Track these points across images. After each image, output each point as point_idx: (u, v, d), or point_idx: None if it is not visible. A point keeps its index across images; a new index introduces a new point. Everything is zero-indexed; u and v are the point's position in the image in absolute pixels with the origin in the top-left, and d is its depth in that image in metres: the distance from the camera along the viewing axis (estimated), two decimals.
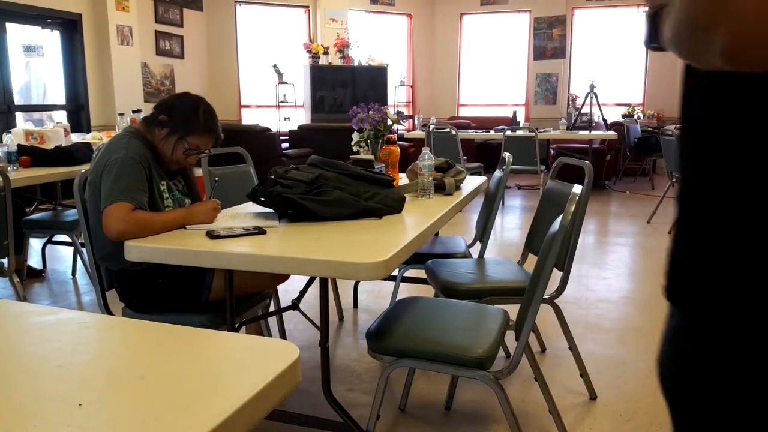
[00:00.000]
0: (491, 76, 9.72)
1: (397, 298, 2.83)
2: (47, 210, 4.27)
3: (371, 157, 2.60)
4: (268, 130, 6.97)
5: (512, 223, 5.71)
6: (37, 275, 3.95)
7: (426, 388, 2.36)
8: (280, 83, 8.38)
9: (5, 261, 2.72)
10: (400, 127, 6.01)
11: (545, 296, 2.22)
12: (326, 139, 6.99)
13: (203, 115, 2.05)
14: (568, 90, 9.25)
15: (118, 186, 1.84)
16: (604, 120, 7.97)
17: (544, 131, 7.27)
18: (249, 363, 0.81)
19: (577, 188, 1.70)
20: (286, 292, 3.01)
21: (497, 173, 2.75)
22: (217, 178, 2.36)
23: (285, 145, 7.61)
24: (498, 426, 2.08)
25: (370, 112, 2.76)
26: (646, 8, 0.74)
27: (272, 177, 2.00)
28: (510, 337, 1.79)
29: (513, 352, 1.70)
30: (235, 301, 1.90)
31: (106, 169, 1.88)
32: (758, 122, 0.63)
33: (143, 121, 2.08)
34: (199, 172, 2.41)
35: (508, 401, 1.66)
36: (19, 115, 5.92)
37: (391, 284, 2.93)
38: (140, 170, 1.91)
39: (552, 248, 1.57)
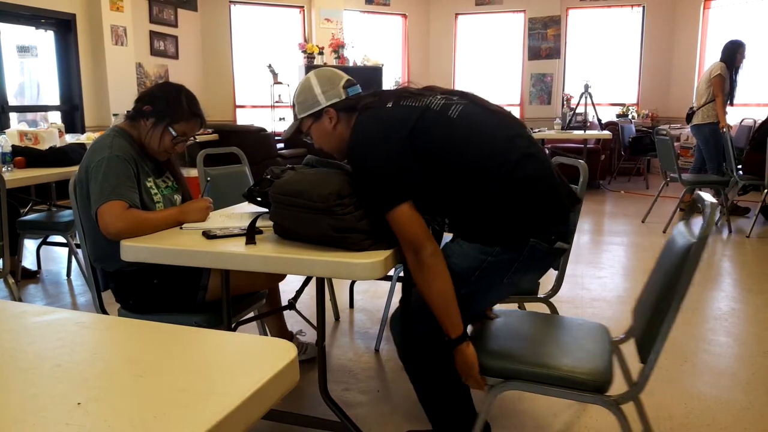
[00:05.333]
0: (486, 77, 9.72)
1: (393, 298, 2.83)
2: (42, 211, 4.25)
3: None
4: (263, 130, 6.96)
5: None
6: (32, 276, 3.93)
7: None
8: (275, 83, 8.37)
9: (0, 262, 2.72)
10: None
11: (540, 295, 2.24)
12: None
13: (186, 101, 2.06)
14: (563, 90, 9.28)
15: (107, 185, 1.84)
16: (599, 120, 7.99)
17: (538, 131, 7.29)
18: (247, 361, 0.82)
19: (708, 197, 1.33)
20: (283, 292, 3.00)
21: None
22: (209, 178, 2.37)
23: (280, 145, 7.60)
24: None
25: None
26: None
27: (268, 177, 2.00)
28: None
29: (638, 374, 1.43)
30: (231, 301, 1.90)
31: (93, 170, 1.88)
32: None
33: (127, 118, 2.08)
34: (194, 172, 2.41)
35: (629, 428, 1.47)
36: (13, 116, 5.90)
37: (387, 284, 2.93)
38: (127, 168, 1.91)
39: (691, 259, 1.30)
